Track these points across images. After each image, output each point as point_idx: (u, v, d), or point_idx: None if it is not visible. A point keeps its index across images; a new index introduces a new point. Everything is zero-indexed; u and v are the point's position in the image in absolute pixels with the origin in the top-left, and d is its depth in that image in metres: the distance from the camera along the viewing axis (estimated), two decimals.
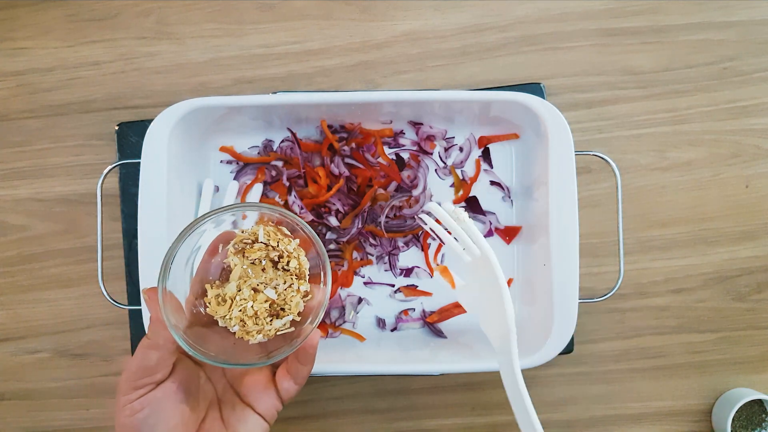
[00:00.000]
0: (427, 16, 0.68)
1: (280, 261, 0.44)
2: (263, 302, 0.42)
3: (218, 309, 0.43)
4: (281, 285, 0.43)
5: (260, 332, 0.42)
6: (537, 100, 0.57)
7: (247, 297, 0.42)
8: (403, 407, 0.67)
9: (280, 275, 0.43)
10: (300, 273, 0.44)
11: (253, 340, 0.43)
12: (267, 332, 0.42)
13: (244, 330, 0.42)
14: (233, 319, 0.42)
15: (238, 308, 0.42)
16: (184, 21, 0.67)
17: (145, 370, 0.41)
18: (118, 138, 0.65)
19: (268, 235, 0.44)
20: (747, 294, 0.67)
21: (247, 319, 0.42)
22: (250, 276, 0.43)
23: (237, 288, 0.43)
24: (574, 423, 0.67)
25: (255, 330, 0.42)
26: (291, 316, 0.43)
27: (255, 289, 0.43)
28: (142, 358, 0.41)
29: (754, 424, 0.64)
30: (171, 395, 0.42)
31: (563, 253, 0.55)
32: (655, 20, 0.67)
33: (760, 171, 0.67)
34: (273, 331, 0.43)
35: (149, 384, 0.41)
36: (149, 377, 0.41)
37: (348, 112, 0.60)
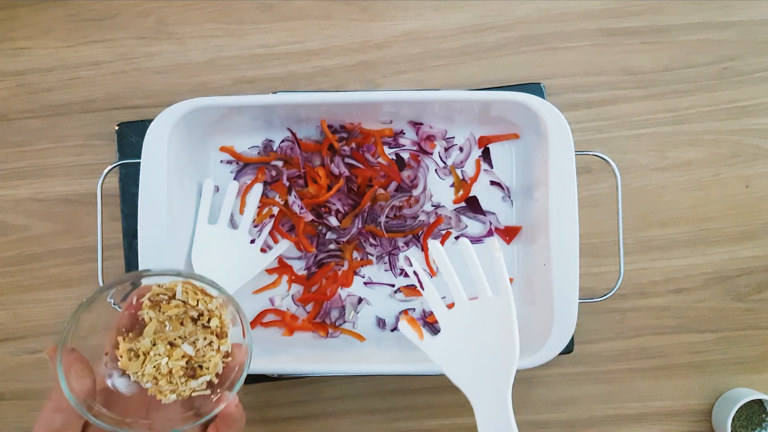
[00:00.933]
0: (427, 16, 0.68)
1: (200, 318, 0.42)
2: (179, 358, 0.40)
3: (130, 364, 0.40)
4: (201, 341, 0.41)
5: (174, 392, 0.40)
6: (537, 100, 0.56)
7: (162, 353, 0.40)
8: (403, 407, 0.67)
9: (200, 331, 0.41)
10: (221, 332, 0.41)
11: (166, 400, 0.40)
12: (181, 393, 0.40)
13: (156, 388, 0.40)
14: (146, 376, 0.40)
15: (151, 364, 0.40)
16: (184, 21, 0.67)
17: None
18: (118, 138, 0.65)
19: (186, 293, 0.41)
20: (747, 294, 0.67)
21: (161, 377, 0.40)
22: (167, 330, 0.41)
23: (152, 343, 0.40)
24: (574, 423, 0.67)
25: (168, 389, 0.40)
26: (209, 376, 0.40)
27: (171, 344, 0.40)
28: (46, 421, 0.38)
29: (754, 424, 0.64)
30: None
31: (563, 253, 0.55)
32: (655, 20, 0.67)
33: (760, 171, 0.67)
34: (188, 391, 0.40)
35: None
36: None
37: (348, 112, 0.60)
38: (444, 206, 0.63)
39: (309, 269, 0.63)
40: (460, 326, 0.51)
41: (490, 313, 0.50)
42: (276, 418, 0.67)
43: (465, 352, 0.50)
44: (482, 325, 0.50)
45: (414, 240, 0.63)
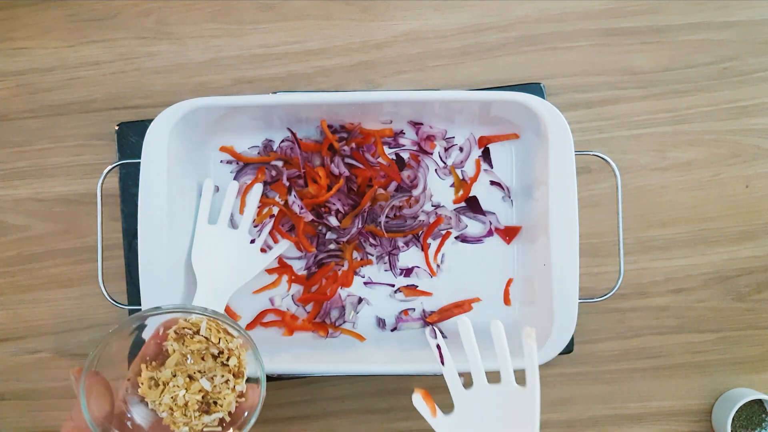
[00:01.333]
0: (427, 16, 0.68)
1: (220, 356, 0.43)
2: (196, 392, 0.41)
3: (149, 392, 0.42)
4: (218, 377, 0.42)
5: (187, 425, 0.41)
6: (537, 100, 0.57)
7: (180, 384, 0.41)
8: (403, 407, 0.67)
9: (218, 368, 0.42)
10: (238, 372, 0.43)
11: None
12: (194, 426, 0.41)
13: (171, 419, 0.41)
14: (163, 405, 0.41)
15: (169, 395, 0.41)
16: (184, 21, 0.67)
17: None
18: (118, 138, 0.65)
19: (209, 330, 0.43)
20: (747, 294, 0.67)
21: (177, 408, 0.41)
22: (188, 364, 0.42)
23: (172, 374, 0.42)
24: (574, 423, 0.67)
25: (182, 422, 0.41)
26: (221, 413, 0.42)
27: (191, 377, 0.42)
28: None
29: (754, 424, 0.64)
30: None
31: (563, 253, 0.55)
32: (655, 20, 0.67)
33: (760, 171, 0.67)
34: (200, 426, 0.41)
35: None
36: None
37: (348, 112, 0.60)
38: (444, 206, 0.63)
39: (309, 269, 0.63)
40: (477, 410, 0.49)
41: (511, 403, 0.48)
42: (276, 418, 0.67)
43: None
44: (501, 414, 0.48)
45: (414, 240, 0.63)
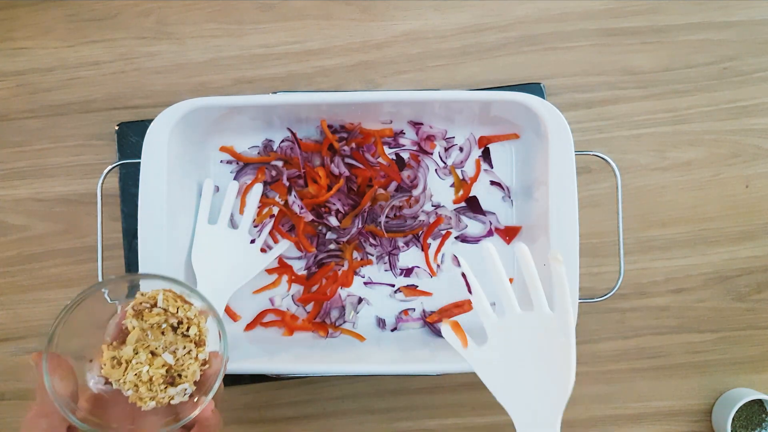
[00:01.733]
0: (427, 16, 0.68)
1: (180, 327, 0.43)
2: (160, 367, 0.41)
3: (112, 372, 0.41)
4: (180, 350, 0.42)
5: (153, 399, 0.41)
6: (537, 100, 0.56)
7: (143, 361, 0.41)
8: (403, 407, 0.67)
9: (179, 340, 0.42)
10: (199, 340, 0.43)
11: (145, 407, 0.41)
12: (161, 400, 0.41)
13: (137, 395, 0.41)
14: (127, 383, 0.41)
15: (133, 372, 0.41)
16: (184, 21, 0.67)
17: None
18: (118, 138, 0.65)
19: (167, 301, 0.43)
20: (747, 294, 0.67)
21: (141, 384, 0.41)
22: (149, 339, 0.42)
23: (134, 351, 0.42)
24: (574, 423, 0.67)
25: (148, 396, 0.41)
26: (187, 384, 0.42)
27: (153, 353, 0.42)
28: (31, 426, 0.39)
29: (754, 424, 0.64)
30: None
31: (563, 253, 0.55)
32: (655, 20, 0.67)
33: (760, 171, 0.67)
34: (167, 398, 0.41)
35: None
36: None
37: (348, 112, 0.60)
38: (444, 206, 0.63)
39: (309, 269, 0.63)
40: (510, 339, 0.47)
41: (545, 330, 0.46)
42: (276, 418, 0.67)
43: (513, 368, 0.46)
44: (535, 342, 0.46)
45: (414, 240, 0.63)
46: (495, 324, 0.48)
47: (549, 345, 0.45)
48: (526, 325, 0.46)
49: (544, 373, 0.45)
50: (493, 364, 0.47)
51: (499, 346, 0.47)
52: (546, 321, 0.46)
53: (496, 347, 0.47)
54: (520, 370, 0.46)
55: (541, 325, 0.46)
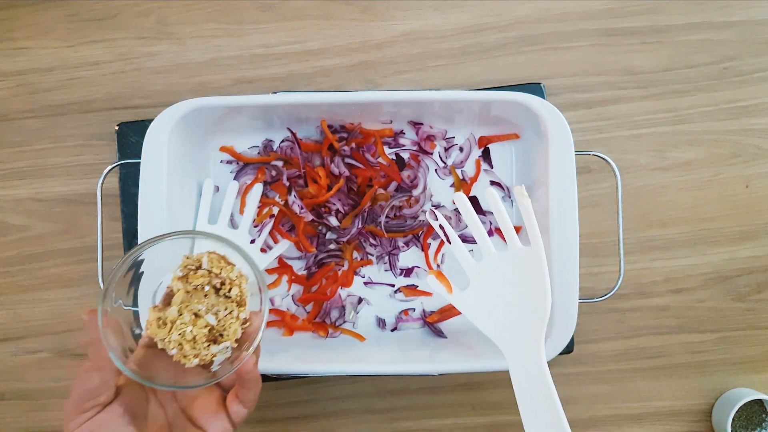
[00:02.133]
0: (427, 16, 0.68)
1: (222, 288, 0.44)
2: (203, 327, 0.43)
3: (158, 332, 0.43)
4: (222, 311, 0.44)
5: (197, 356, 0.43)
6: (537, 100, 0.57)
7: (187, 321, 0.43)
8: (403, 407, 0.67)
9: (221, 301, 0.44)
10: (240, 300, 0.44)
11: (189, 364, 0.43)
12: (204, 357, 0.43)
13: (181, 353, 0.43)
14: (172, 342, 0.43)
15: (177, 332, 0.43)
16: (184, 21, 0.67)
17: (88, 393, 0.41)
18: (118, 138, 0.65)
19: (211, 263, 0.44)
20: (747, 294, 0.67)
21: (186, 343, 0.43)
22: (192, 301, 0.44)
23: (178, 312, 0.43)
24: (574, 423, 0.67)
25: (192, 354, 0.43)
26: (228, 342, 0.44)
27: (196, 314, 0.43)
28: (84, 382, 0.41)
29: (754, 424, 0.64)
30: (117, 418, 0.41)
31: (563, 253, 0.55)
32: (655, 20, 0.67)
33: (760, 171, 0.67)
34: (210, 356, 0.43)
35: (94, 407, 0.41)
36: (93, 400, 0.41)
37: (348, 112, 0.60)
38: (444, 206, 0.63)
39: (309, 269, 0.63)
40: (490, 278, 0.51)
41: (520, 264, 0.50)
42: (276, 418, 0.67)
43: (496, 304, 0.50)
44: (512, 277, 0.50)
45: (414, 240, 0.63)
46: (474, 267, 0.52)
47: (525, 275, 0.50)
48: (502, 263, 0.51)
49: (524, 300, 0.49)
50: (477, 304, 0.51)
51: (481, 287, 0.51)
52: (520, 255, 0.50)
53: (478, 288, 0.51)
54: (502, 304, 0.50)
55: (516, 259, 0.50)
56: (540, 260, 0.49)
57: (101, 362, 0.41)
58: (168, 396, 0.45)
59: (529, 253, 0.50)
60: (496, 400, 0.67)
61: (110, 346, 0.41)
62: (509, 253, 0.51)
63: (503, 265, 0.51)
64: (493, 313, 0.50)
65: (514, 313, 0.49)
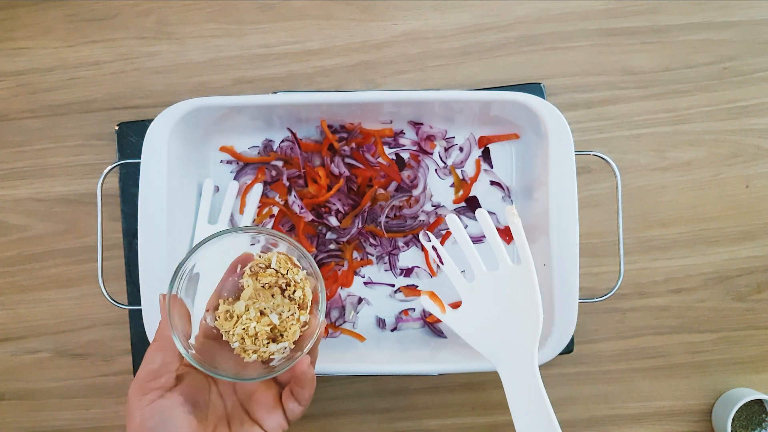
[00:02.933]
0: (427, 16, 0.68)
1: (287, 289, 0.46)
2: (266, 325, 0.45)
3: (224, 323, 0.45)
4: (285, 312, 0.45)
5: (256, 352, 0.44)
6: (537, 100, 0.57)
7: (252, 317, 0.45)
8: (403, 407, 0.67)
9: (285, 303, 0.46)
10: (303, 303, 0.46)
11: (248, 359, 0.45)
12: (262, 354, 0.44)
13: (242, 347, 0.45)
14: (235, 336, 0.44)
15: (242, 326, 0.44)
16: (184, 21, 0.67)
17: (151, 373, 0.42)
18: (118, 138, 0.65)
19: (279, 263, 0.46)
20: (747, 294, 0.67)
21: (248, 338, 0.44)
22: (260, 299, 0.46)
23: (245, 308, 0.45)
24: (574, 423, 0.67)
25: (251, 350, 0.44)
26: (287, 342, 0.45)
27: (261, 312, 0.45)
28: (148, 361, 0.43)
29: (754, 424, 0.64)
30: (178, 406, 0.42)
31: (563, 253, 0.55)
32: (655, 20, 0.67)
33: (760, 171, 0.67)
34: (268, 354, 0.45)
35: (156, 389, 0.42)
36: (155, 381, 0.42)
37: (348, 112, 0.60)
38: (444, 206, 0.63)
39: None
40: (482, 297, 0.52)
41: (511, 282, 0.51)
42: None
43: (489, 322, 0.51)
44: (504, 295, 0.51)
45: (414, 240, 0.63)
46: (466, 287, 0.53)
47: (516, 294, 0.50)
48: (493, 282, 0.52)
49: (516, 318, 0.50)
50: (471, 323, 0.52)
51: (473, 306, 0.52)
52: (511, 273, 0.51)
53: (470, 307, 0.52)
54: (494, 322, 0.51)
55: (507, 278, 0.51)
56: (531, 278, 0.50)
57: (165, 343, 0.43)
58: (228, 389, 0.47)
59: (520, 271, 0.51)
60: (496, 400, 0.67)
61: (175, 329, 0.43)
62: (500, 272, 0.52)
63: (494, 284, 0.52)
64: (486, 331, 0.51)
65: (506, 332, 0.50)
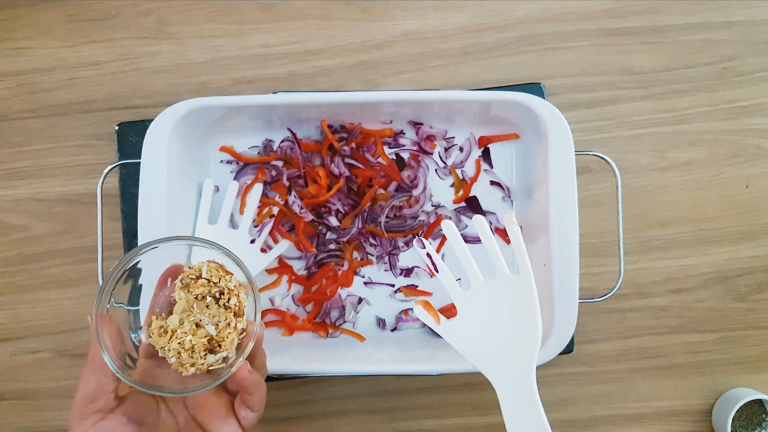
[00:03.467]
0: (427, 16, 0.68)
1: (221, 297, 0.45)
2: (202, 337, 0.43)
3: (159, 340, 0.44)
4: (221, 322, 0.44)
5: (194, 365, 0.43)
6: (537, 100, 0.57)
7: (187, 331, 0.43)
8: (403, 407, 0.67)
9: (221, 312, 0.45)
10: (239, 310, 0.45)
11: (186, 373, 0.44)
12: (200, 366, 0.43)
13: (179, 362, 0.43)
14: (171, 351, 0.43)
15: (177, 341, 0.43)
16: (184, 21, 0.67)
17: (87, 397, 0.41)
18: (118, 138, 0.65)
19: (210, 272, 0.45)
20: (747, 294, 0.67)
21: (184, 351, 0.43)
22: (194, 311, 0.44)
23: (179, 321, 0.44)
24: (574, 423, 0.67)
25: (189, 363, 0.43)
26: (225, 352, 0.44)
27: (197, 324, 0.44)
28: (83, 385, 0.41)
29: (754, 424, 0.64)
30: (121, 426, 0.41)
31: (563, 253, 0.55)
32: (655, 20, 0.67)
33: (760, 171, 0.67)
34: (206, 366, 0.44)
35: (95, 413, 0.41)
36: (93, 404, 0.41)
37: (348, 112, 0.60)
38: (444, 206, 0.63)
39: (309, 269, 0.63)
40: (478, 308, 0.50)
41: (509, 292, 0.49)
42: (276, 418, 0.67)
43: (484, 334, 0.48)
44: (501, 305, 0.49)
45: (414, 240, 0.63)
46: (462, 297, 0.50)
47: (514, 304, 0.48)
48: (490, 291, 0.50)
49: (513, 330, 0.48)
50: (466, 334, 0.49)
51: (468, 316, 0.50)
52: (509, 283, 0.49)
53: (466, 317, 0.50)
54: (491, 333, 0.48)
55: (505, 287, 0.49)
56: (530, 288, 0.48)
57: (98, 364, 0.41)
58: (178, 405, 0.46)
59: (519, 281, 0.48)
60: (496, 400, 0.66)
61: (106, 348, 0.41)
62: (498, 281, 0.50)
63: (492, 294, 0.50)
64: (481, 343, 0.49)
65: (503, 344, 0.48)
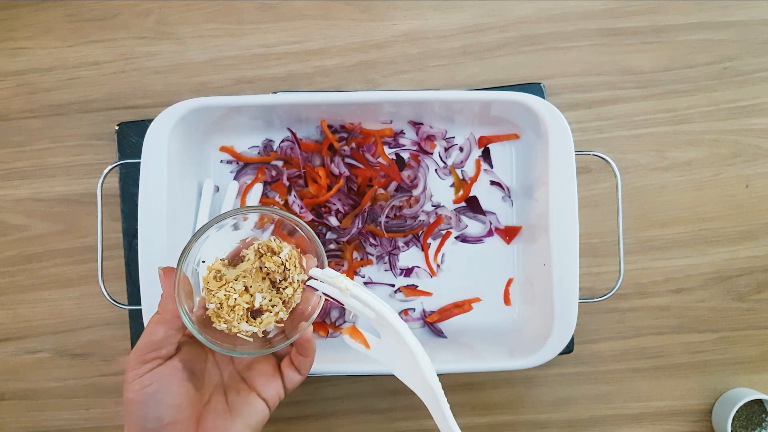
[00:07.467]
0: (427, 16, 0.68)
1: (281, 284, 0.45)
2: (246, 302, 0.44)
3: (211, 281, 0.44)
4: (266, 301, 0.45)
5: (227, 323, 0.44)
6: (537, 100, 0.57)
7: (237, 289, 0.44)
8: (403, 407, 0.67)
9: (273, 294, 0.45)
10: (288, 301, 0.45)
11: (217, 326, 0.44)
12: (231, 327, 0.44)
13: (216, 312, 0.44)
14: (215, 298, 0.44)
15: (224, 292, 0.44)
16: (184, 21, 0.67)
17: (152, 345, 0.43)
18: (118, 138, 0.65)
19: (290, 258, 0.45)
20: (747, 294, 0.67)
21: (226, 305, 0.44)
22: (252, 275, 0.45)
23: (235, 277, 0.45)
24: (574, 423, 0.67)
25: (224, 319, 0.44)
26: (257, 329, 0.44)
27: (247, 288, 0.45)
28: (150, 332, 0.43)
29: (754, 424, 0.64)
30: (176, 372, 0.44)
31: (563, 253, 0.55)
32: (655, 20, 0.67)
33: (760, 171, 0.67)
34: (236, 330, 0.44)
35: (156, 359, 0.43)
36: (156, 352, 0.43)
37: (348, 112, 0.60)
38: (444, 206, 0.63)
39: None
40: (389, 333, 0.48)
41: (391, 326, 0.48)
42: (276, 418, 0.67)
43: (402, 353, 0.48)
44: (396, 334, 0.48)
45: (414, 240, 0.63)
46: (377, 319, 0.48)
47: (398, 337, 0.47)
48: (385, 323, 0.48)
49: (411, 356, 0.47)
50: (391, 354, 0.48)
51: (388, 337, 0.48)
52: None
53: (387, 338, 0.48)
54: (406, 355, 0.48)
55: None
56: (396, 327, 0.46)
57: (168, 317, 0.43)
58: (225, 359, 0.47)
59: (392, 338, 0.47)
60: (496, 400, 0.67)
61: (181, 304, 0.42)
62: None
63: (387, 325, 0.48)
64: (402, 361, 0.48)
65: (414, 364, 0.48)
